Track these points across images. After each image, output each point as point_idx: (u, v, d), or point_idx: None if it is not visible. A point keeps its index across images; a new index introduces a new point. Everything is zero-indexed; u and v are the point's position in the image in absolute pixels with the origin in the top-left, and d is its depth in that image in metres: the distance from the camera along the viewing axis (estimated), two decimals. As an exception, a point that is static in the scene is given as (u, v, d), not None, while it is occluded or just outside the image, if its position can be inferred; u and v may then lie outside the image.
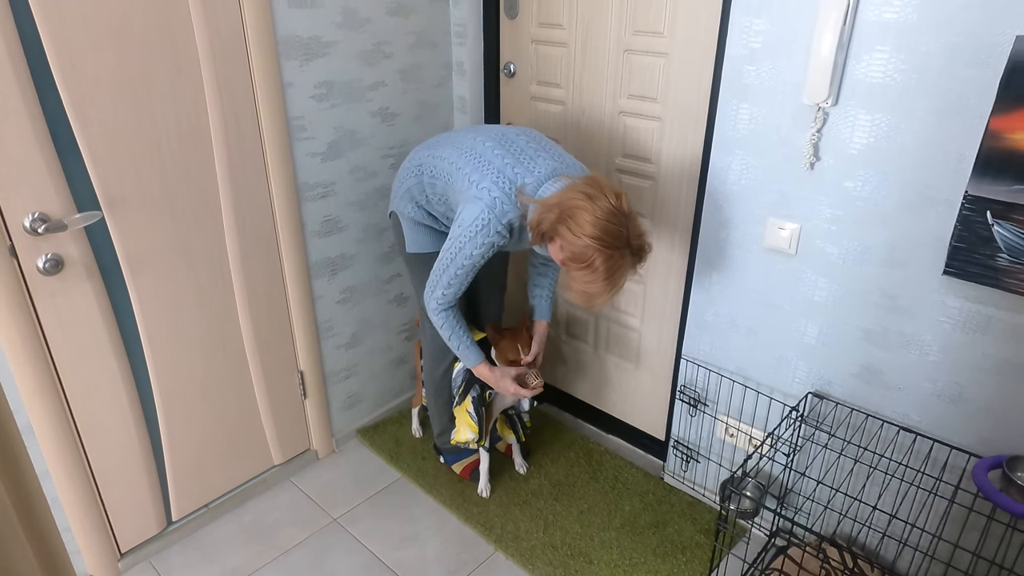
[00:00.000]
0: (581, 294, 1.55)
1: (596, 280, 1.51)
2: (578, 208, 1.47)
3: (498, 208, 1.58)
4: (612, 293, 1.54)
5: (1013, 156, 1.30)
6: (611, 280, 1.51)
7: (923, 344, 1.56)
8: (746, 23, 1.60)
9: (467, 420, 2.02)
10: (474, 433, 2.01)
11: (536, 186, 1.59)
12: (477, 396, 1.99)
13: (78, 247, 1.60)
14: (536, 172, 1.60)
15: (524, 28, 2.16)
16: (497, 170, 1.60)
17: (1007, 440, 1.51)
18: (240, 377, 2.03)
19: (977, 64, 1.32)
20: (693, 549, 1.97)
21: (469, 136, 1.72)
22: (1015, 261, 1.36)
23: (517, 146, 1.66)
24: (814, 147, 1.58)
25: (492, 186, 1.59)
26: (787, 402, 1.86)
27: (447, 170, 1.69)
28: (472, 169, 1.63)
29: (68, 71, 1.48)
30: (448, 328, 1.78)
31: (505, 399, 2.08)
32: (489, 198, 1.58)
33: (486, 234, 1.59)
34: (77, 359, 1.67)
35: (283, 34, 1.81)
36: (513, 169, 1.60)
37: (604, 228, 1.46)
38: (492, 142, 1.67)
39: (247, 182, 1.86)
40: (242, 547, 2.00)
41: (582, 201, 1.47)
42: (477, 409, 2.00)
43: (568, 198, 1.49)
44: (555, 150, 1.68)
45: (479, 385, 1.99)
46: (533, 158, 1.63)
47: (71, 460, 1.72)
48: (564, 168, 1.64)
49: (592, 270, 1.49)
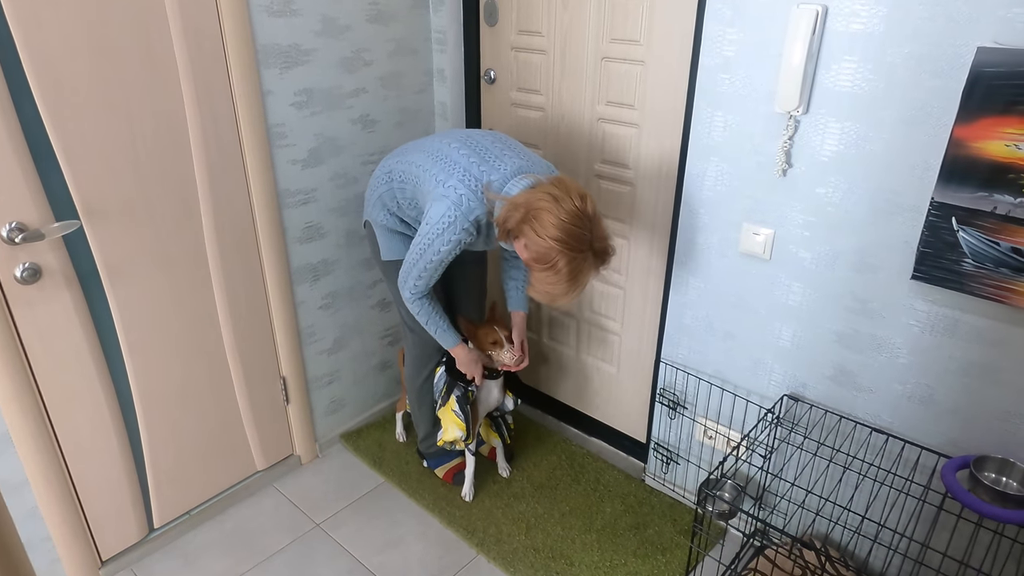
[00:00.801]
0: (544, 294, 1.58)
1: (558, 281, 1.54)
2: (542, 209, 1.49)
3: (464, 205, 1.59)
4: (574, 294, 1.57)
5: (976, 164, 1.33)
6: (573, 281, 1.54)
7: (893, 347, 1.60)
8: (719, 32, 1.63)
9: (453, 419, 2.03)
10: (461, 431, 2.02)
11: (502, 183, 1.62)
12: (461, 395, 2.01)
13: (56, 256, 1.60)
14: (502, 169, 1.63)
15: (504, 35, 2.18)
16: (463, 169, 1.62)
17: (974, 440, 1.54)
18: (222, 383, 2.04)
19: (941, 74, 1.35)
20: (673, 550, 2.00)
21: (436, 140, 1.75)
22: (980, 266, 1.39)
23: (482, 146, 1.68)
24: (786, 154, 1.61)
25: (458, 184, 1.60)
26: (763, 404, 1.89)
27: (415, 173, 1.71)
28: (439, 169, 1.65)
29: (45, 79, 1.48)
30: (424, 315, 1.82)
31: (489, 401, 2.10)
32: (455, 195, 1.60)
33: (453, 231, 1.61)
34: (56, 368, 1.67)
35: (262, 42, 1.82)
36: (479, 167, 1.63)
37: (567, 231, 1.48)
38: (458, 143, 1.69)
39: (227, 189, 1.86)
40: (224, 553, 2.00)
41: (547, 202, 1.50)
42: (463, 407, 2.01)
43: (534, 198, 1.52)
44: (521, 149, 1.71)
45: (462, 384, 2.01)
46: (499, 156, 1.66)
47: (50, 468, 1.72)
48: (530, 166, 1.66)
49: (555, 271, 1.52)
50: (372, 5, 2.05)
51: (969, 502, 1.39)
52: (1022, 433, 1.47)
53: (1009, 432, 1.49)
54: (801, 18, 1.46)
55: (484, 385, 2.07)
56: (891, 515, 1.71)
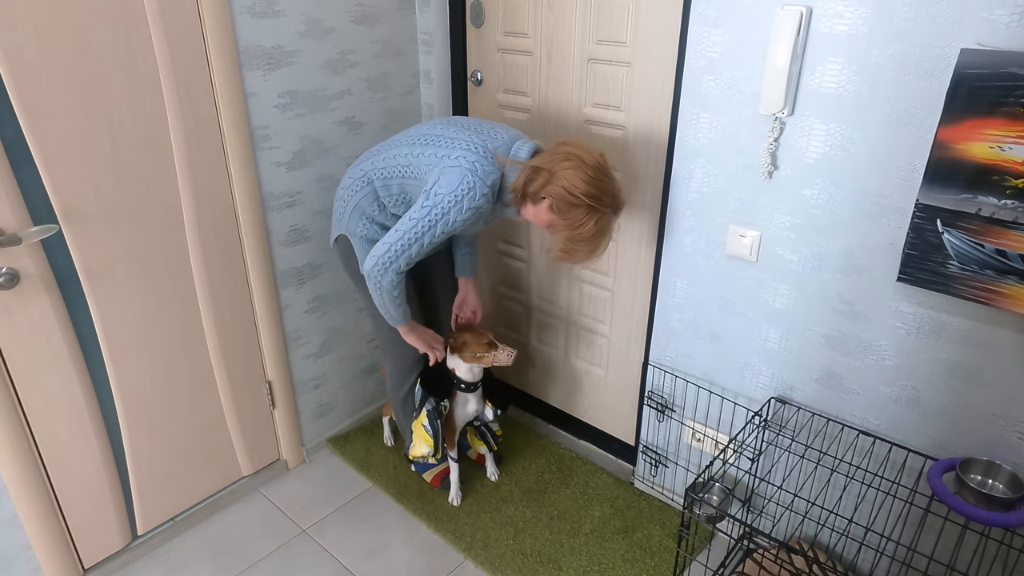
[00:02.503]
0: (571, 252, 1.60)
1: (589, 238, 1.57)
2: (569, 168, 1.52)
3: (480, 171, 1.57)
4: (601, 250, 1.61)
5: (960, 165, 1.33)
6: (601, 236, 1.59)
7: (880, 349, 1.59)
8: (704, 34, 1.62)
9: (422, 434, 2.02)
10: (428, 447, 2.02)
11: (506, 149, 1.62)
12: (432, 409, 2.00)
13: (34, 261, 1.58)
14: (500, 138, 1.63)
15: (490, 37, 2.16)
16: (464, 141, 1.61)
17: (960, 443, 1.54)
18: (206, 388, 2.02)
19: (925, 76, 1.35)
20: (662, 554, 1.99)
21: (412, 132, 1.72)
22: (965, 268, 1.39)
23: (467, 123, 1.69)
24: (772, 156, 1.60)
25: (466, 153, 1.59)
26: (751, 407, 1.88)
27: (402, 163, 1.67)
28: (436, 148, 1.63)
29: (21, 81, 1.46)
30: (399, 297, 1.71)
31: (466, 412, 2.08)
32: (468, 163, 1.57)
33: (472, 198, 1.56)
34: (35, 374, 1.65)
35: (245, 44, 1.80)
36: (479, 138, 1.62)
37: (598, 186, 1.53)
38: (443, 125, 1.69)
39: (210, 192, 1.84)
40: (209, 560, 1.98)
41: (572, 162, 1.52)
42: (432, 422, 2.00)
43: (555, 160, 1.54)
44: (502, 124, 1.72)
45: (434, 398, 2.00)
46: (489, 128, 1.67)
47: (30, 476, 1.70)
48: (521, 135, 1.68)
49: (584, 228, 1.55)
50: (357, 6, 2.03)
51: (955, 505, 1.38)
52: (1008, 435, 1.47)
53: (995, 434, 1.49)
54: (786, 20, 1.46)
55: (460, 398, 2.06)
56: (878, 518, 1.71)
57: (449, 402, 2.07)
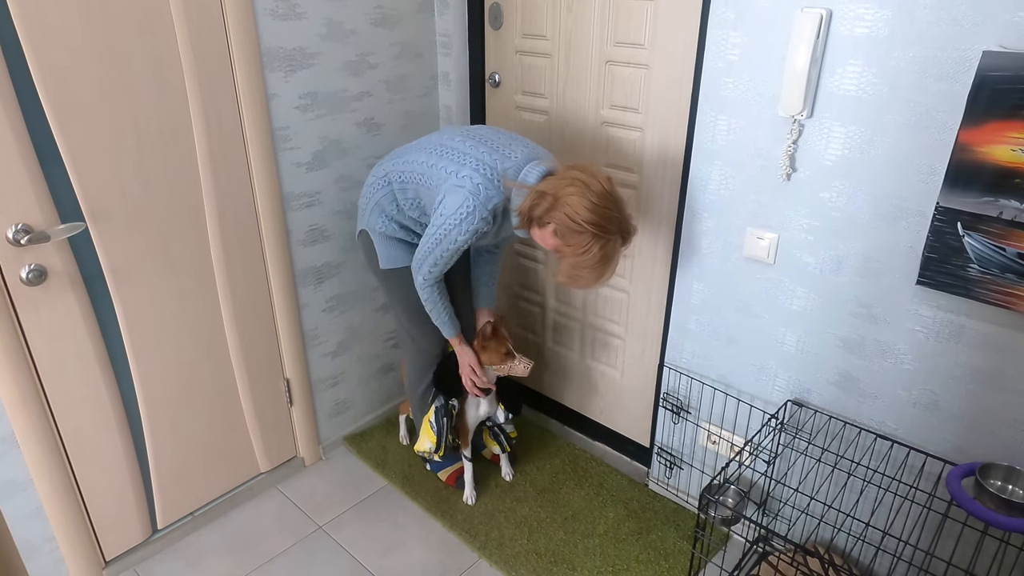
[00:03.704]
0: (575, 278, 1.58)
1: (592, 265, 1.54)
2: (573, 194, 1.50)
3: (482, 194, 1.59)
4: (606, 277, 1.58)
5: (982, 168, 1.32)
6: (606, 264, 1.55)
7: (898, 353, 1.58)
8: (723, 36, 1.62)
9: (427, 430, 2.04)
10: (431, 443, 2.04)
11: (517, 171, 1.61)
12: (441, 406, 2.01)
13: (61, 258, 1.61)
14: (513, 157, 1.63)
15: (508, 39, 2.18)
16: (475, 159, 1.62)
17: (980, 447, 1.53)
18: (226, 385, 2.04)
19: (946, 78, 1.34)
20: (676, 556, 1.99)
21: (433, 138, 1.74)
22: (985, 271, 1.38)
23: (486, 137, 1.69)
24: (790, 158, 1.60)
25: (473, 173, 1.60)
26: (767, 410, 1.88)
27: (418, 171, 1.70)
28: (448, 162, 1.64)
29: (51, 83, 1.49)
30: (431, 302, 1.83)
31: (477, 414, 2.09)
32: (472, 185, 1.59)
33: (471, 220, 1.60)
34: (61, 369, 1.68)
35: (267, 46, 1.83)
36: (491, 156, 1.62)
37: (601, 213, 1.50)
38: (461, 136, 1.69)
39: (231, 192, 1.87)
40: (227, 555, 2.01)
41: (576, 187, 1.50)
42: (438, 420, 2.01)
43: (561, 185, 1.52)
44: (522, 139, 1.72)
45: (443, 396, 2.01)
46: (507, 145, 1.66)
47: (55, 469, 1.73)
48: (537, 154, 1.67)
49: (588, 255, 1.52)
50: (377, 9, 2.05)
51: (974, 510, 1.37)
52: (1028, 440, 1.46)
53: (1015, 439, 1.48)
54: (805, 22, 1.46)
55: (473, 399, 2.07)
56: (895, 522, 1.70)
57: (459, 402, 2.08)
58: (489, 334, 1.96)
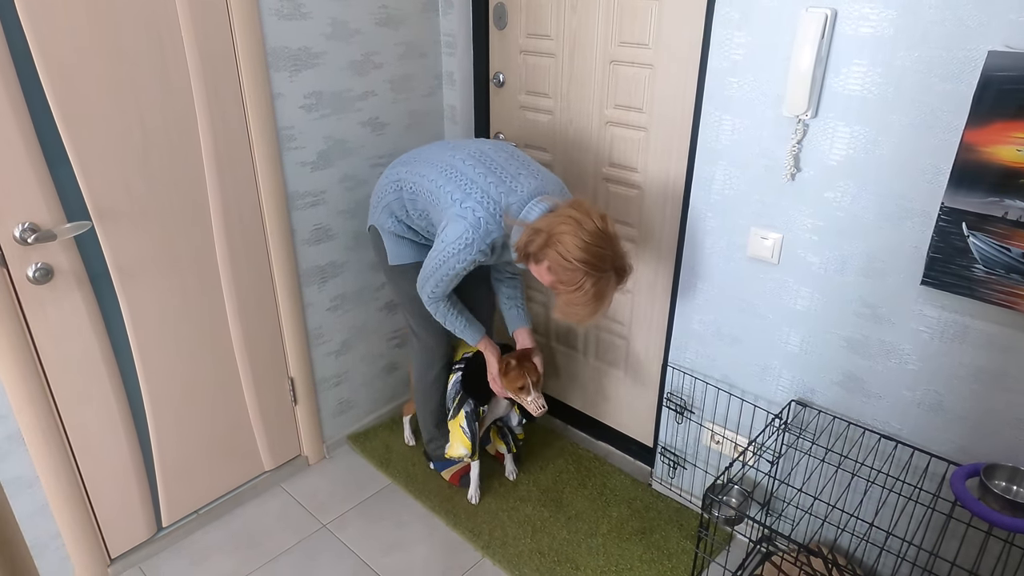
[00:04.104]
0: (569, 314, 1.60)
1: (585, 302, 1.56)
2: (565, 233, 1.51)
3: (482, 228, 1.61)
4: (600, 313, 1.59)
5: (987, 168, 1.32)
6: (599, 301, 1.56)
7: (902, 353, 1.58)
8: (727, 36, 1.62)
9: (461, 436, 2.03)
10: (467, 449, 2.03)
11: (520, 206, 1.63)
12: (471, 411, 2.01)
13: (68, 256, 1.62)
14: (519, 192, 1.64)
15: (513, 39, 2.18)
16: (481, 190, 1.63)
17: (984, 448, 1.53)
18: (230, 384, 2.05)
19: (951, 78, 1.34)
20: (679, 555, 1.99)
21: (446, 152, 1.75)
22: (990, 272, 1.38)
23: (497, 163, 1.68)
24: (795, 158, 1.60)
25: (477, 206, 1.62)
26: (771, 410, 1.88)
27: (427, 188, 1.72)
28: (454, 187, 1.65)
29: (58, 83, 1.50)
30: (442, 316, 1.85)
31: (497, 409, 2.10)
32: (474, 218, 1.61)
33: (469, 252, 1.63)
34: (67, 367, 1.69)
35: (272, 45, 1.83)
36: (497, 189, 1.63)
37: (592, 252, 1.51)
38: (472, 160, 1.69)
39: (236, 191, 1.88)
40: (231, 553, 2.01)
41: (569, 226, 1.51)
42: (471, 424, 2.01)
43: (555, 223, 1.54)
44: (533, 166, 1.72)
45: (472, 400, 2.01)
46: (515, 176, 1.66)
47: (61, 467, 1.74)
48: (545, 186, 1.68)
49: (581, 292, 1.54)
50: (382, 8, 2.06)
51: (979, 511, 1.37)
52: (1033, 441, 1.46)
53: (1020, 440, 1.47)
54: (810, 22, 1.46)
55: (493, 400, 2.08)
56: (899, 522, 1.70)
57: (488, 407, 2.08)
58: (513, 364, 1.93)
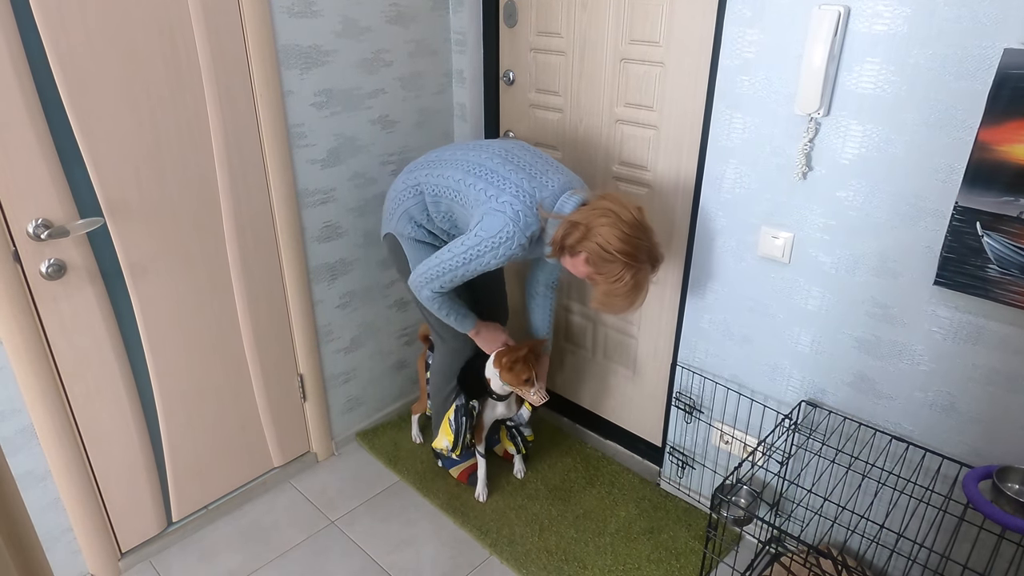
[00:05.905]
0: (607, 305, 1.63)
1: (624, 293, 1.59)
2: (605, 225, 1.54)
3: (522, 221, 1.62)
4: (638, 303, 1.62)
5: (1002, 167, 1.30)
6: (637, 291, 1.60)
7: (915, 354, 1.57)
8: (739, 33, 1.61)
9: (446, 428, 2.05)
10: (449, 442, 2.04)
11: (553, 200, 1.65)
12: (461, 405, 2.02)
13: (80, 252, 1.63)
14: (550, 187, 1.66)
15: (523, 36, 2.18)
16: (515, 185, 1.64)
17: (997, 450, 1.51)
18: (240, 380, 2.06)
19: (966, 76, 1.33)
20: (687, 555, 1.98)
21: (471, 153, 1.74)
22: (1005, 272, 1.36)
23: (524, 161, 1.70)
24: (806, 157, 1.59)
25: (514, 200, 1.62)
26: (781, 410, 1.87)
27: (454, 188, 1.71)
28: (487, 184, 1.66)
29: (72, 81, 1.51)
30: (441, 307, 1.84)
31: (493, 415, 2.10)
32: (512, 211, 1.61)
33: (509, 246, 1.63)
34: (79, 362, 1.70)
35: (283, 43, 1.84)
36: (530, 184, 1.64)
37: (632, 243, 1.54)
38: (499, 159, 1.70)
39: (247, 188, 1.89)
40: (240, 548, 2.02)
41: (608, 218, 1.54)
42: (457, 419, 2.02)
43: (593, 215, 1.56)
44: (557, 165, 1.74)
45: (464, 395, 2.01)
46: (544, 172, 1.68)
47: (73, 461, 1.75)
48: (572, 182, 1.70)
49: (620, 283, 1.57)
50: (392, 6, 2.06)
51: (991, 513, 1.36)
52: (1047, 444, 1.44)
53: (1034, 442, 1.46)
54: (823, 19, 1.44)
55: (489, 402, 2.07)
56: (910, 525, 1.68)
57: (479, 403, 2.08)
58: (519, 358, 1.92)
